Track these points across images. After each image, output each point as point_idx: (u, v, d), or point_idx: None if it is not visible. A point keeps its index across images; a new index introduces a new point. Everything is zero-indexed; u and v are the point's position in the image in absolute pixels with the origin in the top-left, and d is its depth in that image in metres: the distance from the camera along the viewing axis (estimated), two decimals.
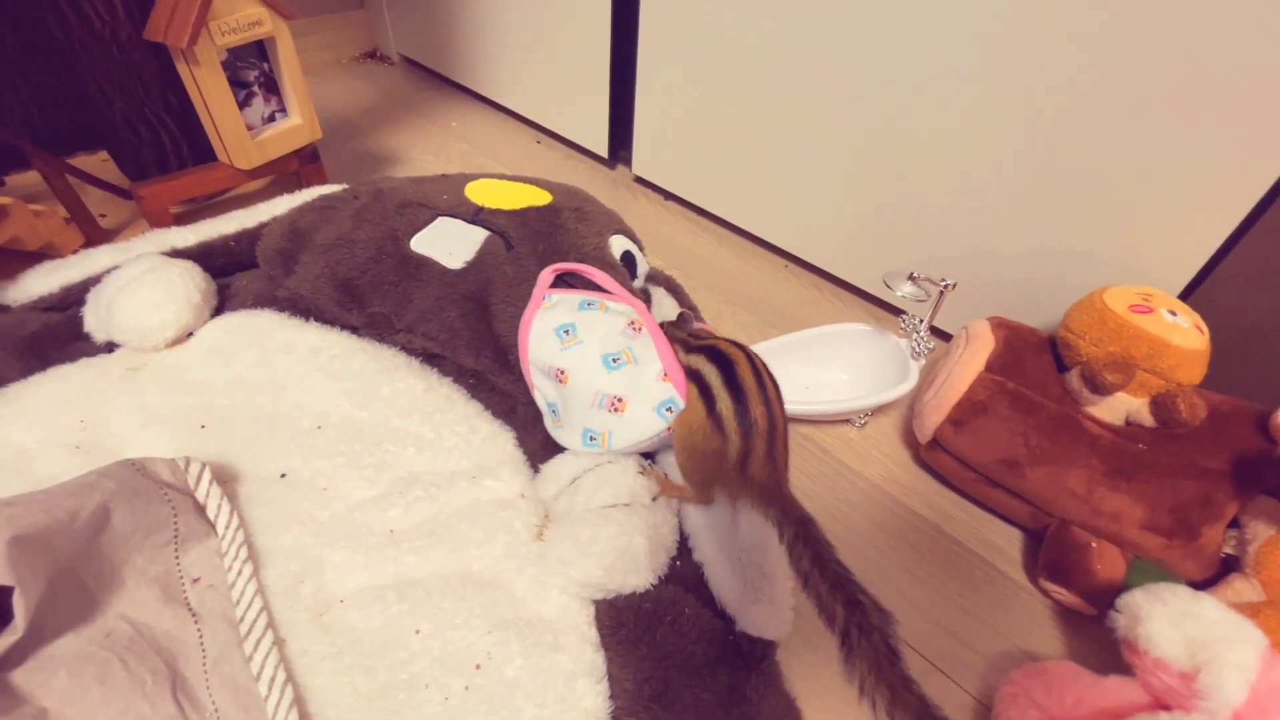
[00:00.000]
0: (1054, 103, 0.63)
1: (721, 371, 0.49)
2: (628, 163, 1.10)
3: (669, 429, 0.52)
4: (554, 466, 0.56)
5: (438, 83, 1.36)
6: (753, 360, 0.50)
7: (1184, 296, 0.64)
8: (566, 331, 0.57)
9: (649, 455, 0.59)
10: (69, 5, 0.69)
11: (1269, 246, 0.59)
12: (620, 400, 0.53)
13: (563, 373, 0.55)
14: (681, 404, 0.52)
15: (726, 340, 0.53)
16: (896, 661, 0.37)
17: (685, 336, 0.56)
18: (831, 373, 0.75)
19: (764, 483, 0.47)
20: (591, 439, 0.55)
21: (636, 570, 0.48)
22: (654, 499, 0.53)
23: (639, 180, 1.11)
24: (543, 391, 0.59)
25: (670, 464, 0.58)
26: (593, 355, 0.54)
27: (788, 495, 0.47)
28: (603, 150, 1.12)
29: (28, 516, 0.42)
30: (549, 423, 0.59)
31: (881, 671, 0.37)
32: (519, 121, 1.26)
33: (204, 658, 0.45)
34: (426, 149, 1.14)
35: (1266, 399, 0.58)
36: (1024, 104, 0.64)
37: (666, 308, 0.72)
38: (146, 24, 0.71)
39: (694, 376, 0.51)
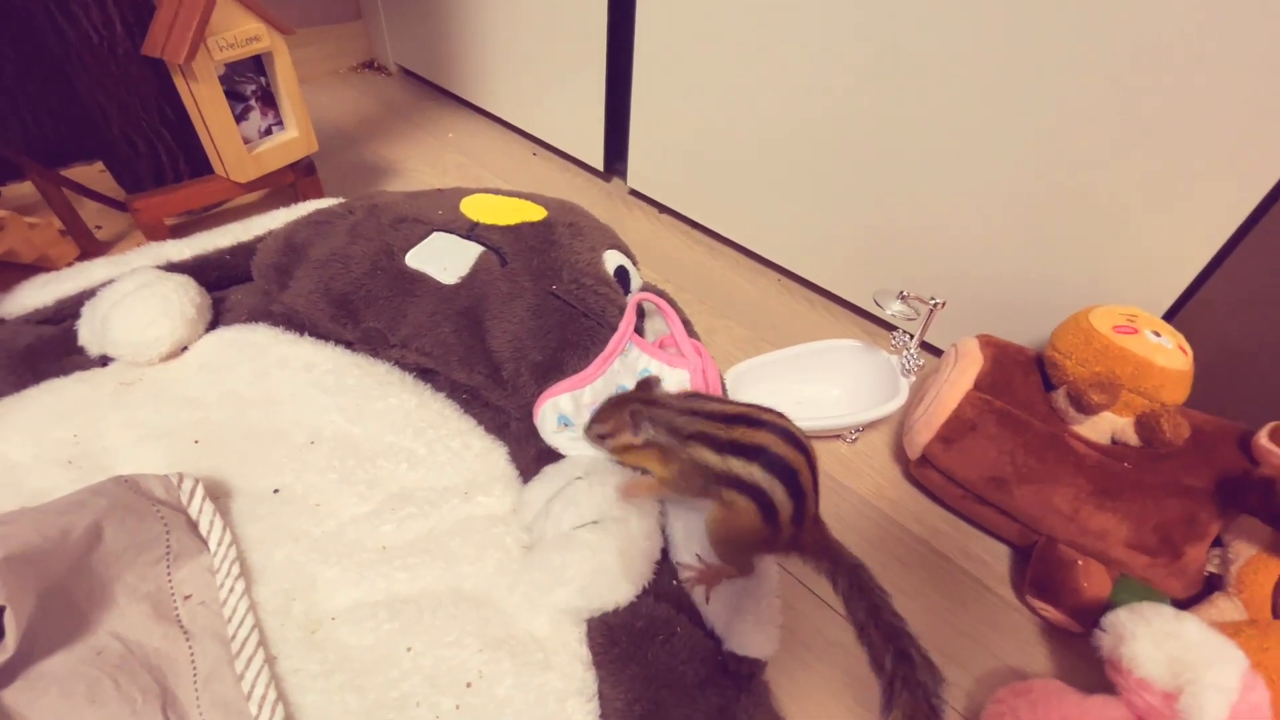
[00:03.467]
0: (1044, 128, 0.64)
1: (786, 485, 0.44)
2: (623, 175, 1.11)
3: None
4: (530, 492, 0.56)
5: (435, 94, 1.37)
6: (808, 455, 0.45)
7: (1168, 317, 0.65)
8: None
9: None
10: (67, 20, 0.70)
11: (1251, 269, 0.60)
12: None
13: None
14: None
15: (771, 430, 0.45)
16: (935, 717, 0.37)
17: (705, 425, 0.46)
18: (823, 388, 0.76)
19: (814, 542, 0.46)
20: None
21: (615, 587, 0.48)
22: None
23: (634, 193, 1.12)
24: (562, 406, 0.60)
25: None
26: None
27: (835, 545, 0.46)
28: (598, 163, 1.13)
29: (20, 535, 0.42)
30: (551, 428, 0.59)
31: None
32: (515, 133, 1.26)
33: (195, 676, 0.45)
34: (423, 160, 1.15)
35: (1249, 419, 0.59)
36: (1015, 129, 0.66)
37: (659, 323, 0.73)
38: (144, 39, 0.71)
39: (751, 491, 0.44)
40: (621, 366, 0.64)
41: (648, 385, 0.52)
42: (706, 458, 0.46)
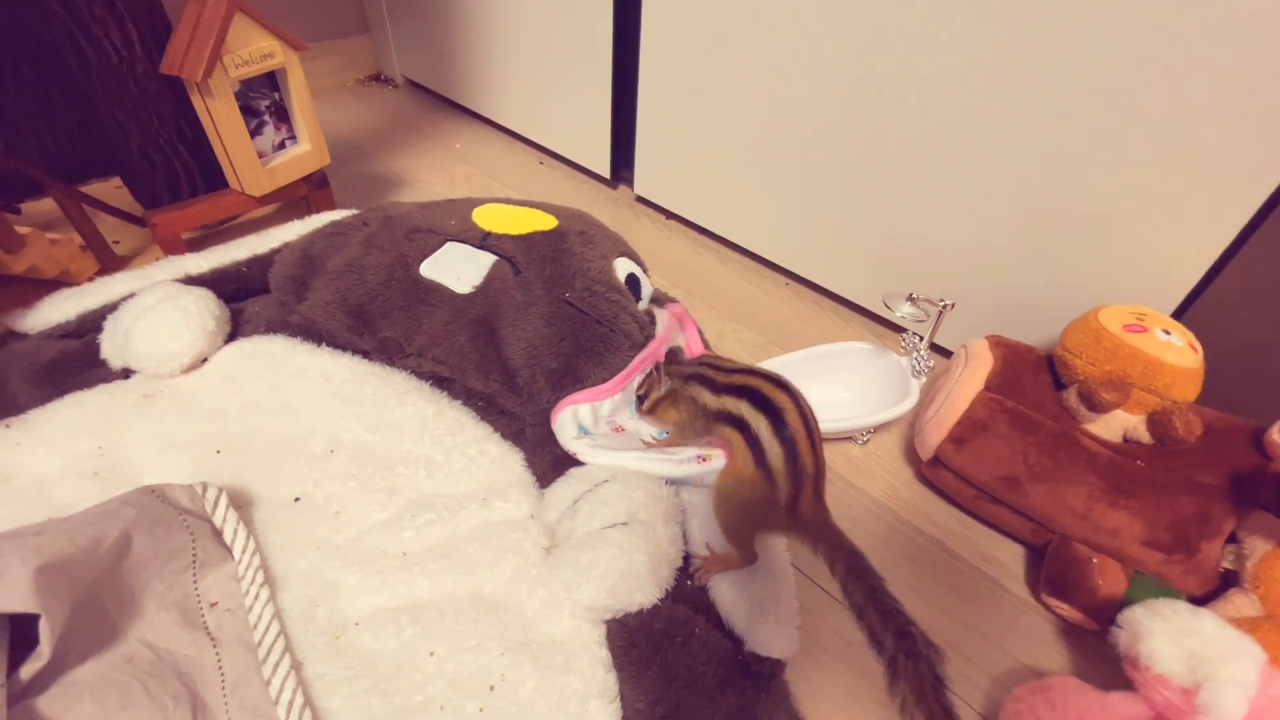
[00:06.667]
0: (1051, 130, 0.64)
1: (771, 422, 0.47)
2: (630, 183, 1.12)
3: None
4: (555, 491, 0.57)
5: (442, 105, 1.38)
6: (799, 404, 0.48)
7: (1178, 315, 0.65)
8: None
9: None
10: (87, 40, 0.72)
11: (1260, 264, 0.61)
12: None
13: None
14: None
15: (763, 377, 0.50)
16: (941, 690, 0.37)
17: (708, 371, 0.53)
18: (834, 391, 0.76)
19: (813, 520, 0.47)
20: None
21: (641, 588, 0.49)
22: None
23: (641, 200, 1.13)
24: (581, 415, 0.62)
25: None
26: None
27: (835, 529, 0.47)
28: (605, 171, 1.14)
29: (54, 546, 0.43)
30: (570, 433, 0.60)
31: (924, 696, 0.37)
32: (522, 143, 1.28)
33: (223, 682, 0.46)
34: (432, 171, 1.16)
35: (1261, 415, 0.59)
36: (1022, 131, 0.66)
37: (676, 337, 0.73)
38: (162, 58, 0.73)
39: (739, 425, 0.49)
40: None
41: (673, 354, 0.60)
42: (704, 397, 0.52)
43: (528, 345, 0.63)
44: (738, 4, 0.81)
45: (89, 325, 0.68)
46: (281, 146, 0.87)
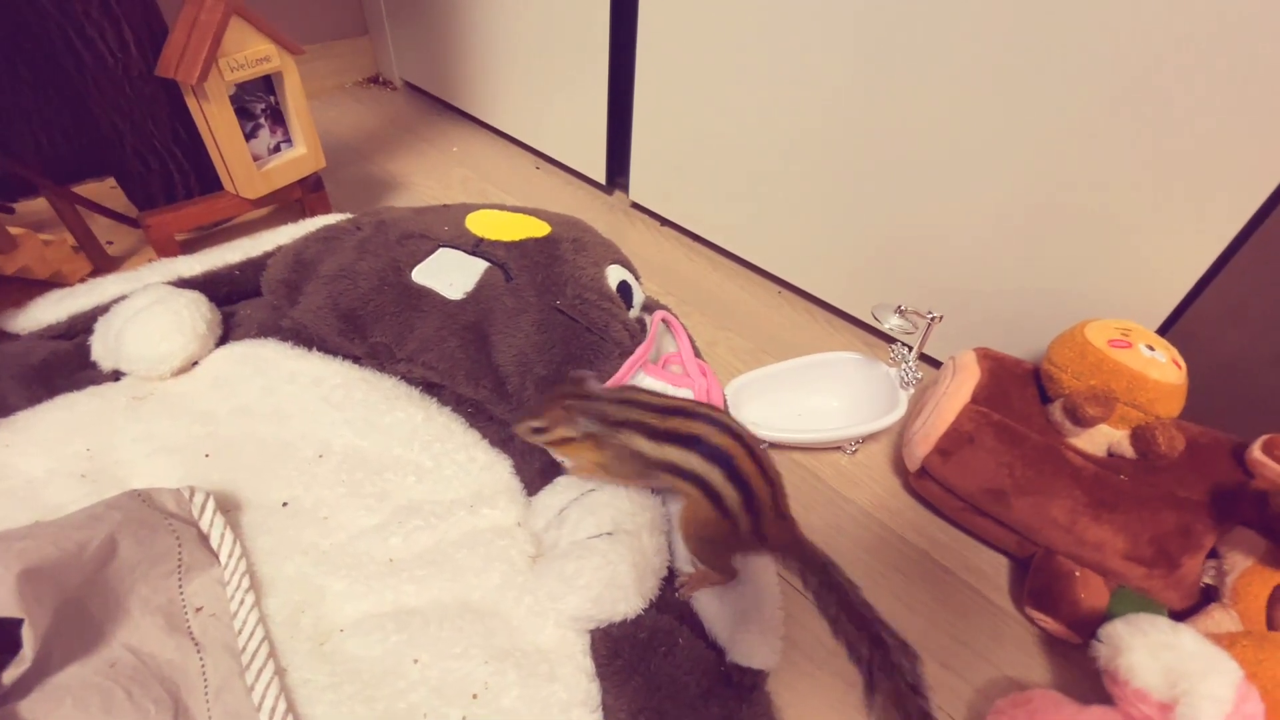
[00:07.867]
0: (1041, 145, 0.65)
1: (724, 470, 0.46)
2: (625, 189, 1.13)
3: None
4: (543, 499, 0.57)
5: (439, 108, 1.39)
6: (744, 443, 0.47)
7: (1162, 331, 0.66)
8: None
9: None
10: (82, 41, 0.72)
11: (1244, 283, 0.61)
12: None
13: None
14: None
15: (704, 420, 0.48)
16: (919, 696, 0.38)
17: (641, 415, 0.49)
18: (823, 400, 0.77)
19: (781, 538, 0.48)
20: None
21: (625, 599, 0.49)
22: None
23: (635, 206, 1.13)
24: None
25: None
26: None
27: (805, 543, 0.47)
28: (600, 176, 1.14)
29: (38, 550, 0.43)
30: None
31: (900, 703, 0.38)
32: (519, 147, 1.28)
33: (206, 688, 0.46)
34: (428, 174, 1.16)
35: (1243, 431, 0.59)
36: (1012, 145, 0.67)
37: (666, 344, 0.74)
38: (158, 61, 0.73)
39: (693, 479, 0.47)
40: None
41: (580, 380, 0.53)
42: (640, 445, 0.48)
43: (518, 352, 0.64)
44: (733, 12, 0.81)
45: (80, 326, 0.68)
46: (277, 149, 0.87)
